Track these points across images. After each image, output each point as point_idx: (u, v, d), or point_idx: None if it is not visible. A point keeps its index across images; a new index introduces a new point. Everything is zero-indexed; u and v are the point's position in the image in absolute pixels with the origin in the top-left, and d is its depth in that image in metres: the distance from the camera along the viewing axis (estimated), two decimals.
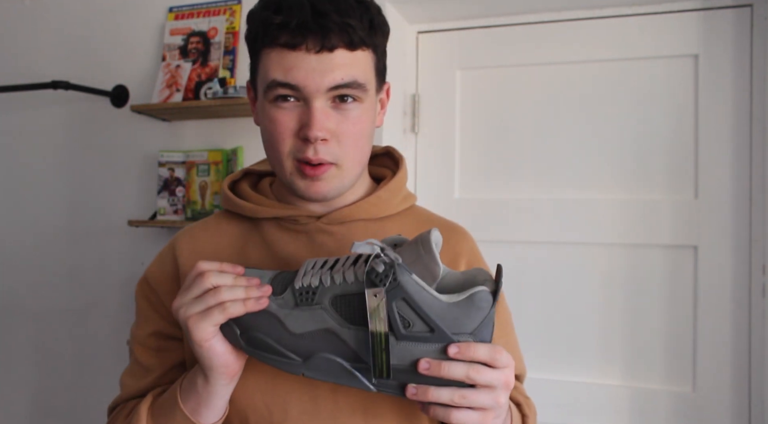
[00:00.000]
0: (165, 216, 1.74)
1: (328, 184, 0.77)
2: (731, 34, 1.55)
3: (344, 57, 0.73)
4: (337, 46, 0.72)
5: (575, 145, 1.66)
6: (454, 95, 1.77)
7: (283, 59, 0.73)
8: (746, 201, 1.53)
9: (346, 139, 0.76)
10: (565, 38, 1.67)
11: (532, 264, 1.69)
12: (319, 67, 0.72)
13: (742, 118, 1.54)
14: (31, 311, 1.98)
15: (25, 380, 1.99)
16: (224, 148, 1.71)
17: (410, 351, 0.62)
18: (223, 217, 0.90)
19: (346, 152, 0.77)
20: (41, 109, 1.98)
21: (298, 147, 0.75)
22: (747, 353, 1.52)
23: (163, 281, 0.86)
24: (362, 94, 0.76)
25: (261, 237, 0.85)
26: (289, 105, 0.74)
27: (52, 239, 1.96)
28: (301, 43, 0.72)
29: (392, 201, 0.87)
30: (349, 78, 0.73)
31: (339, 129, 0.75)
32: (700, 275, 1.56)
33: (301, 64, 0.72)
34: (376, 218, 0.85)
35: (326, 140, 0.74)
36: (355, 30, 0.73)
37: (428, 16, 1.76)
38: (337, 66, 0.73)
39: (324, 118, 0.74)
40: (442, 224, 0.91)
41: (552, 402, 1.65)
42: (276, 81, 0.73)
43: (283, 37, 0.72)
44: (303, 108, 0.74)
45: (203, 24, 1.76)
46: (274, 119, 0.75)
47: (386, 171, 0.91)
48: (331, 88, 0.73)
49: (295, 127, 0.75)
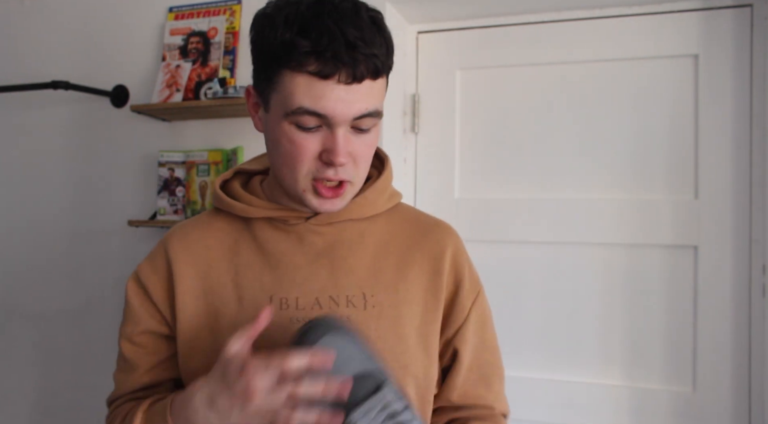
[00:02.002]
0: (165, 216, 1.74)
1: (342, 202, 0.82)
2: (731, 34, 1.54)
3: (369, 87, 0.76)
4: (365, 77, 0.74)
5: (575, 145, 1.66)
6: (454, 95, 1.77)
7: (313, 87, 0.73)
8: (746, 201, 1.53)
9: (361, 160, 0.80)
10: (565, 38, 1.67)
11: (532, 264, 1.69)
12: (348, 98, 0.74)
13: (742, 118, 1.54)
14: (31, 311, 1.98)
15: (25, 380, 1.99)
16: (224, 148, 1.71)
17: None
18: (214, 215, 0.92)
19: (359, 170, 0.81)
20: (41, 109, 1.98)
21: (318, 168, 0.78)
22: (747, 352, 1.52)
23: (154, 279, 0.87)
24: (378, 120, 0.80)
25: (252, 236, 0.87)
26: (313, 129, 0.76)
27: (52, 239, 1.96)
28: (334, 74, 0.72)
29: (378, 201, 0.90)
30: (372, 108, 0.77)
31: (356, 151, 0.79)
32: (700, 274, 1.56)
33: (331, 95, 0.73)
34: (363, 217, 0.88)
35: (345, 164, 0.78)
36: (379, 59, 0.75)
37: (428, 16, 1.76)
38: (362, 97, 0.75)
39: (346, 144, 0.77)
40: (427, 220, 0.94)
41: (552, 402, 1.65)
42: (304, 108, 0.74)
43: (313, 65, 0.72)
44: (326, 133, 0.76)
45: (203, 24, 1.76)
46: (297, 143, 0.77)
47: (372, 170, 0.93)
48: (356, 118, 0.76)
49: (317, 150, 0.77)
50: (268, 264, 0.84)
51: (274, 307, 0.82)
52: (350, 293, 0.84)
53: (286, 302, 0.83)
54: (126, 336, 0.89)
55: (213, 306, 0.85)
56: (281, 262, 0.84)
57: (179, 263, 0.86)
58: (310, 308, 0.82)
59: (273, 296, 0.83)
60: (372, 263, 0.86)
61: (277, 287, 0.83)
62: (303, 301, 0.83)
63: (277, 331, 0.81)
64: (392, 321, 0.84)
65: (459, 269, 0.90)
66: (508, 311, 1.68)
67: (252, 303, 0.83)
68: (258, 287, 0.84)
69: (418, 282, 0.87)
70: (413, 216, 0.94)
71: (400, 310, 0.85)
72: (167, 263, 0.87)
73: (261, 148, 1.84)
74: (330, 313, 0.83)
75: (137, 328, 0.88)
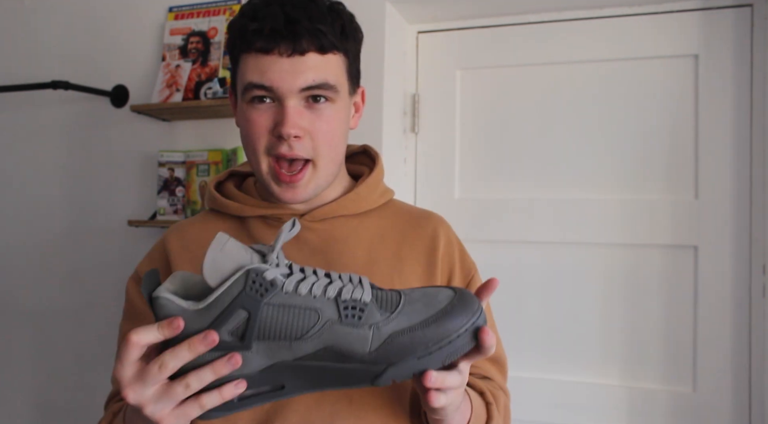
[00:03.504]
0: (165, 216, 1.74)
1: (304, 190, 0.82)
2: (731, 34, 1.54)
3: (315, 60, 0.78)
4: (308, 50, 0.77)
5: (575, 145, 1.66)
6: (454, 95, 1.77)
7: (258, 63, 0.78)
8: (746, 201, 1.53)
9: (319, 136, 0.80)
10: (565, 38, 1.67)
11: (532, 264, 1.69)
12: (292, 70, 0.77)
13: (743, 118, 1.54)
14: (31, 311, 1.98)
15: (25, 380, 1.99)
16: (224, 148, 1.71)
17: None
18: (210, 214, 0.93)
19: (320, 149, 0.81)
20: (41, 109, 1.98)
21: (273, 144, 0.79)
22: (747, 352, 1.52)
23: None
24: (334, 94, 0.80)
25: (248, 234, 0.88)
26: (264, 106, 0.79)
27: (52, 239, 1.96)
28: (274, 48, 0.77)
29: (370, 197, 0.91)
30: (320, 79, 0.78)
31: (312, 127, 0.79)
32: (700, 275, 1.56)
33: (275, 67, 0.77)
34: (356, 213, 0.89)
35: (299, 137, 0.79)
36: (325, 35, 0.78)
37: (428, 16, 1.76)
38: (308, 68, 0.78)
39: (297, 117, 0.78)
40: (418, 213, 0.95)
41: (552, 402, 1.65)
42: (252, 83, 0.78)
43: (257, 43, 0.77)
44: (277, 108, 0.79)
45: (203, 24, 1.76)
46: (250, 119, 0.80)
47: (363, 168, 0.95)
48: (304, 88, 0.78)
49: (269, 125, 0.79)
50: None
51: None
52: None
53: None
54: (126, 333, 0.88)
55: None
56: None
57: (177, 260, 0.88)
58: None
59: None
60: (367, 258, 0.87)
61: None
62: None
63: None
64: None
65: (450, 256, 0.91)
66: (508, 311, 1.68)
67: None
68: None
69: (413, 273, 0.88)
70: (404, 209, 0.95)
71: None
72: (166, 259, 0.89)
73: None
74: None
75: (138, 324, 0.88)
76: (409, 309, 0.61)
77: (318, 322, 0.59)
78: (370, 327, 0.59)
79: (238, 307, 0.58)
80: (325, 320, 0.59)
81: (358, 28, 0.85)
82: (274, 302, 0.59)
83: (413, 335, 0.60)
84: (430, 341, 0.59)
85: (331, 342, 0.59)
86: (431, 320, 0.60)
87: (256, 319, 0.58)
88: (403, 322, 0.60)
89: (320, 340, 0.59)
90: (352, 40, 0.84)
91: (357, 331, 0.59)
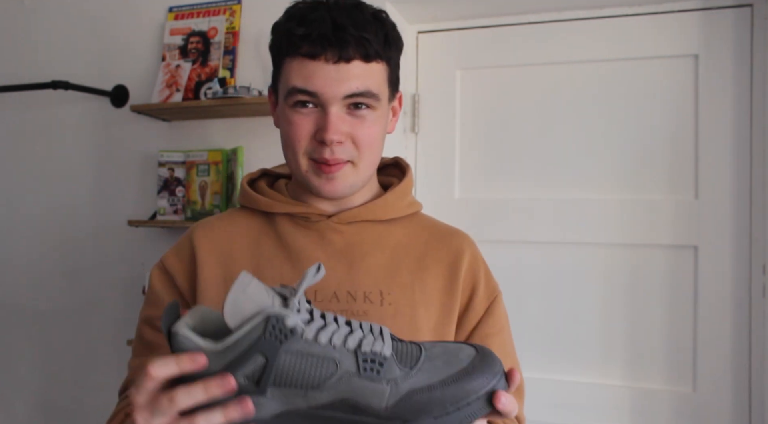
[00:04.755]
0: (165, 216, 1.74)
1: (343, 182, 0.84)
2: (731, 34, 1.54)
3: (360, 68, 0.80)
4: (354, 58, 0.79)
5: (575, 145, 1.66)
6: (454, 95, 1.77)
7: (304, 68, 0.79)
8: (746, 201, 1.53)
9: (360, 141, 0.82)
10: (565, 38, 1.67)
11: (532, 264, 1.69)
12: (337, 77, 0.79)
13: (743, 118, 1.54)
14: (31, 311, 1.98)
15: (25, 380, 1.99)
16: (224, 148, 1.71)
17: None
18: (238, 212, 0.96)
19: (361, 153, 0.83)
20: (41, 109, 1.98)
21: (314, 147, 0.82)
22: (747, 352, 1.52)
23: (180, 268, 0.90)
24: (375, 102, 0.82)
25: (275, 230, 0.90)
26: (306, 110, 0.81)
27: (52, 239, 1.96)
28: (321, 54, 0.78)
29: (398, 204, 0.92)
30: (363, 88, 0.80)
31: (353, 132, 0.82)
32: (700, 275, 1.56)
33: (320, 73, 0.79)
34: (382, 219, 0.91)
35: (341, 143, 0.81)
36: (370, 43, 0.80)
37: (428, 16, 1.76)
38: (353, 76, 0.79)
39: (339, 123, 0.80)
40: (445, 228, 0.97)
41: (552, 402, 1.65)
42: (296, 88, 0.80)
43: (304, 48, 0.79)
44: (320, 113, 0.81)
45: (203, 24, 1.76)
46: (293, 122, 0.82)
47: (393, 180, 0.97)
48: (347, 96, 0.79)
49: (312, 130, 0.81)
50: (288, 258, 0.87)
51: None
52: (367, 290, 0.86)
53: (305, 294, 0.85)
54: (147, 320, 0.90)
55: None
56: (301, 256, 0.87)
57: (203, 252, 0.89)
58: (327, 301, 0.85)
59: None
60: (389, 264, 0.89)
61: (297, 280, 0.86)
62: (321, 294, 0.86)
63: None
64: (408, 320, 0.86)
65: (475, 275, 0.92)
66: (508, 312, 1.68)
67: None
68: (278, 279, 0.86)
69: (434, 285, 0.89)
70: (431, 224, 0.97)
71: (416, 310, 0.87)
72: (192, 251, 0.90)
73: (261, 149, 1.84)
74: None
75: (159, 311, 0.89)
76: (429, 366, 0.59)
77: (336, 373, 0.58)
78: (388, 382, 0.58)
79: (256, 352, 0.57)
80: (343, 371, 0.58)
81: (399, 37, 0.87)
82: (292, 349, 0.58)
83: (431, 394, 0.58)
84: (447, 402, 0.58)
85: (347, 394, 0.58)
86: (451, 379, 0.58)
87: (273, 365, 0.57)
88: (422, 379, 0.59)
89: (337, 391, 0.58)
90: (395, 48, 0.86)
91: (374, 385, 0.58)
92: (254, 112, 1.67)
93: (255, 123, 1.72)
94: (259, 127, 1.72)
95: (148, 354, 0.88)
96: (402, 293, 0.87)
